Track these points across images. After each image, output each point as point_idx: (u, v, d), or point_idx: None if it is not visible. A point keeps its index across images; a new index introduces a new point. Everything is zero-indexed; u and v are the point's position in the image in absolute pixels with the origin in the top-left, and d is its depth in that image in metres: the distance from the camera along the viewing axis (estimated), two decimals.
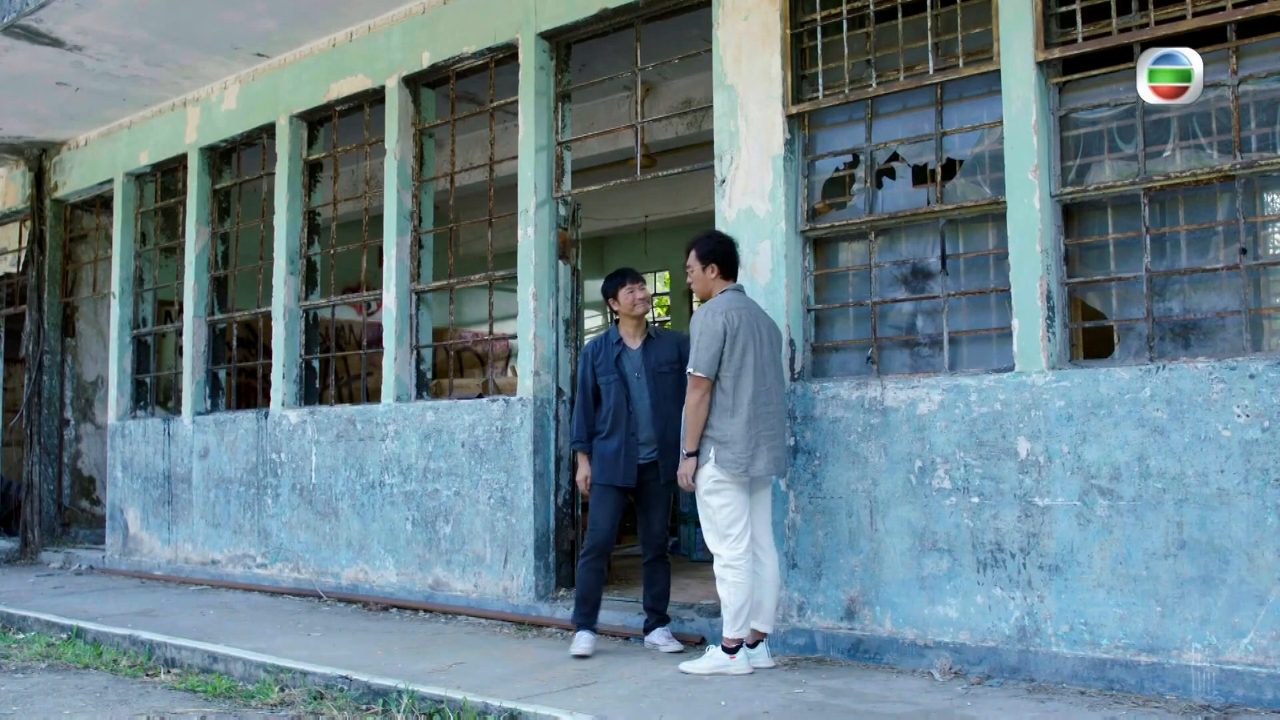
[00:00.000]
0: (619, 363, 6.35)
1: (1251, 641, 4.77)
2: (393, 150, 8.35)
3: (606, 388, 6.35)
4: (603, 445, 6.31)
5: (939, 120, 5.93)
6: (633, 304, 6.38)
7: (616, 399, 6.30)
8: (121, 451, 10.72)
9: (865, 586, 5.85)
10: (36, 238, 11.79)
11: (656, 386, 6.31)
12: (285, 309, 9.14)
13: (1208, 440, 4.90)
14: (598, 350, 6.42)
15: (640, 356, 6.36)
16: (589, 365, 6.44)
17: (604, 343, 6.45)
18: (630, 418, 6.29)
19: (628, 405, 6.30)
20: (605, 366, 6.38)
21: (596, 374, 6.39)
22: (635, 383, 6.32)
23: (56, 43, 8.94)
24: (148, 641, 6.98)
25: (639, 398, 6.31)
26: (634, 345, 6.37)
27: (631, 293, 6.40)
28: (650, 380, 6.31)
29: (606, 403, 6.34)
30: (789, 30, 6.31)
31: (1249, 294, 5.03)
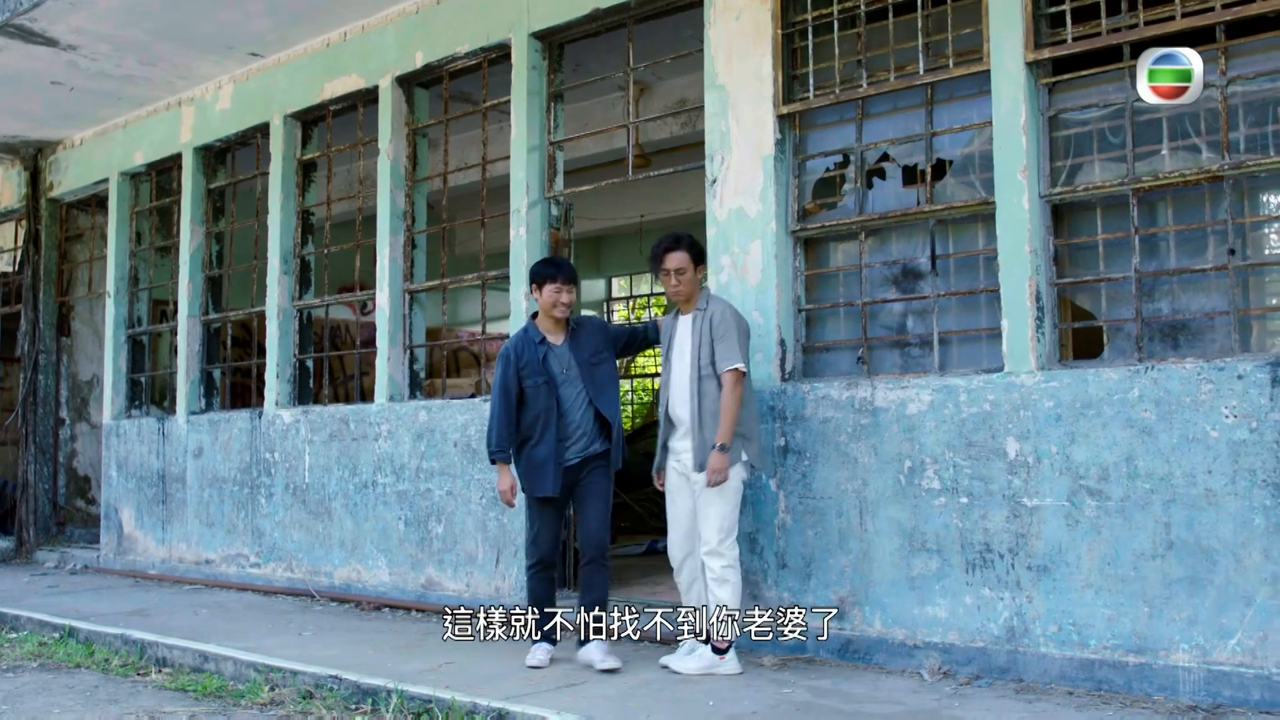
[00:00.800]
0: (546, 363, 5.96)
1: (1239, 642, 4.76)
2: (386, 150, 8.35)
3: (534, 391, 5.93)
4: (532, 453, 5.93)
5: (929, 120, 5.93)
6: (553, 304, 5.99)
7: (545, 402, 5.91)
8: (116, 451, 10.73)
9: (855, 587, 5.85)
10: (32, 237, 11.80)
11: (593, 379, 6.00)
12: (279, 309, 9.15)
13: (1195, 441, 4.90)
14: (520, 351, 5.98)
15: (569, 352, 6.01)
16: (511, 368, 5.96)
17: (525, 343, 6.02)
18: (560, 420, 5.93)
19: (557, 407, 5.93)
20: (531, 368, 5.94)
21: (521, 377, 5.94)
22: (565, 381, 5.96)
23: (51, 42, 8.94)
24: (139, 641, 6.98)
25: (569, 397, 5.95)
26: (558, 341, 6.01)
27: (558, 293, 5.99)
28: (584, 374, 5.98)
29: (534, 407, 5.92)
30: (780, 30, 6.31)
31: (1237, 295, 5.03)
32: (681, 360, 5.71)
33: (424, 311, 8.44)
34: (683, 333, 5.76)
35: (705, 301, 5.74)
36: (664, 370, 5.87)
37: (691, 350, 5.66)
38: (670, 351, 5.81)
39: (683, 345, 5.73)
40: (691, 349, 5.67)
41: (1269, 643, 4.70)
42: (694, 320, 5.71)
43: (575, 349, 6.01)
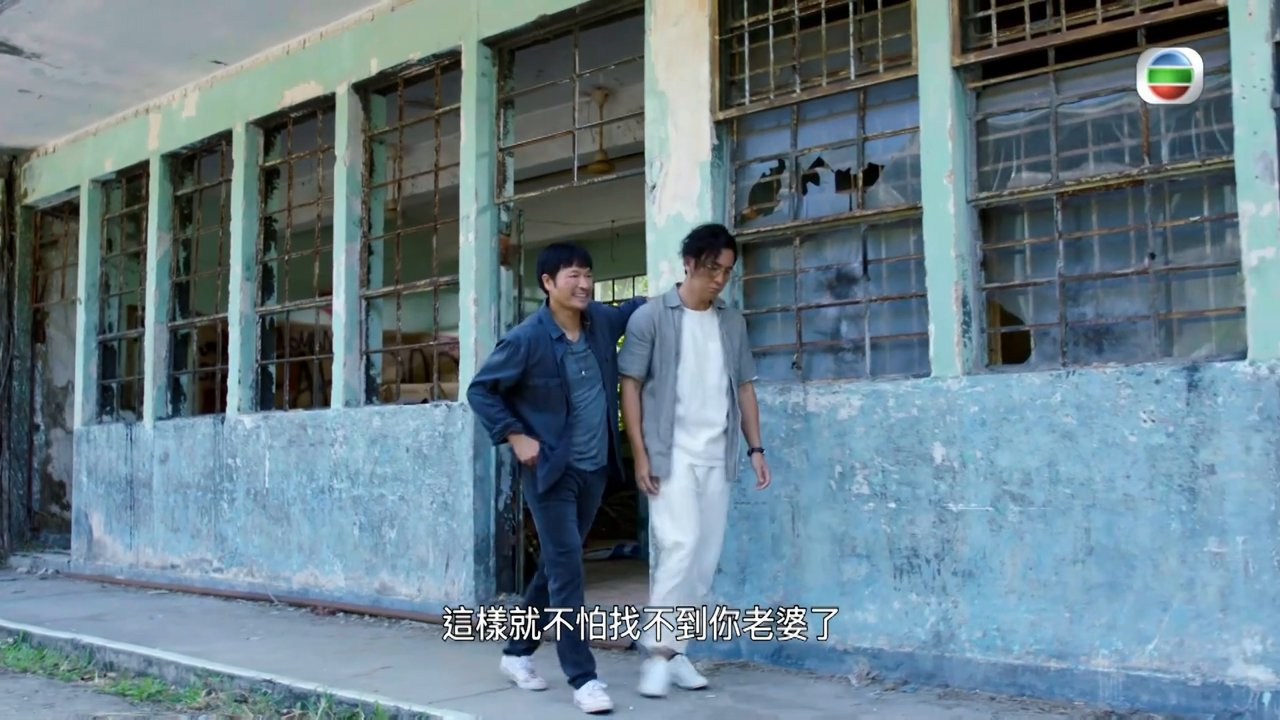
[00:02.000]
0: (563, 365, 5.22)
1: (1156, 647, 4.76)
2: (342, 157, 8.38)
3: (543, 393, 5.19)
4: (551, 453, 5.22)
5: (861, 126, 5.93)
6: (572, 291, 5.24)
7: (556, 406, 5.21)
8: (87, 456, 10.77)
9: (788, 592, 5.85)
10: (6, 244, 11.87)
11: (609, 380, 5.38)
12: (241, 314, 9.18)
13: (1115, 446, 4.89)
14: (533, 345, 5.19)
15: (588, 351, 5.32)
16: (518, 360, 5.17)
17: (539, 337, 5.24)
18: (573, 428, 5.22)
19: (568, 413, 5.22)
20: (545, 368, 5.19)
21: (529, 373, 5.17)
22: (580, 383, 5.27)
23: (14, 50, 8.99)
24: (88, 645, 7.00)
25: (585, 400, 5.27)
26: (575, 338, 5.30)
27: (575, 277, 5.24)
28: (605, 374, 5.34)
29: (543, 410, 5.21)
30: (718, 36, 6.32)
31: (1158, 299, 5.03)
32: (710, 362, 5.32)
33: (380, 317, 8.46)
34: (701, 331, 5.35)
35: (719, 300, 5.51)
36: (672, 365, 5.28)
37: (723, 353, 5.35)
38: (681, 347, 5.30)
39: (706, 345, 5.33)
40: (723, 352, 5.35)
41: (1185, 648, 4.69)
42: (716, 322, 5.40)
43: (594, 346, 5.35)
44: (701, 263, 5.29)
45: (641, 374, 5.36)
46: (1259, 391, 4.56)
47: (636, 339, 5.37)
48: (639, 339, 5.36)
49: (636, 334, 5.38)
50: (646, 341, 5.34)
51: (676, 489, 5.29)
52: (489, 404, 5.22)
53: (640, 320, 5.40)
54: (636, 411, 5.37)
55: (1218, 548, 4.63)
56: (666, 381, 5.30)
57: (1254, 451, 4.56)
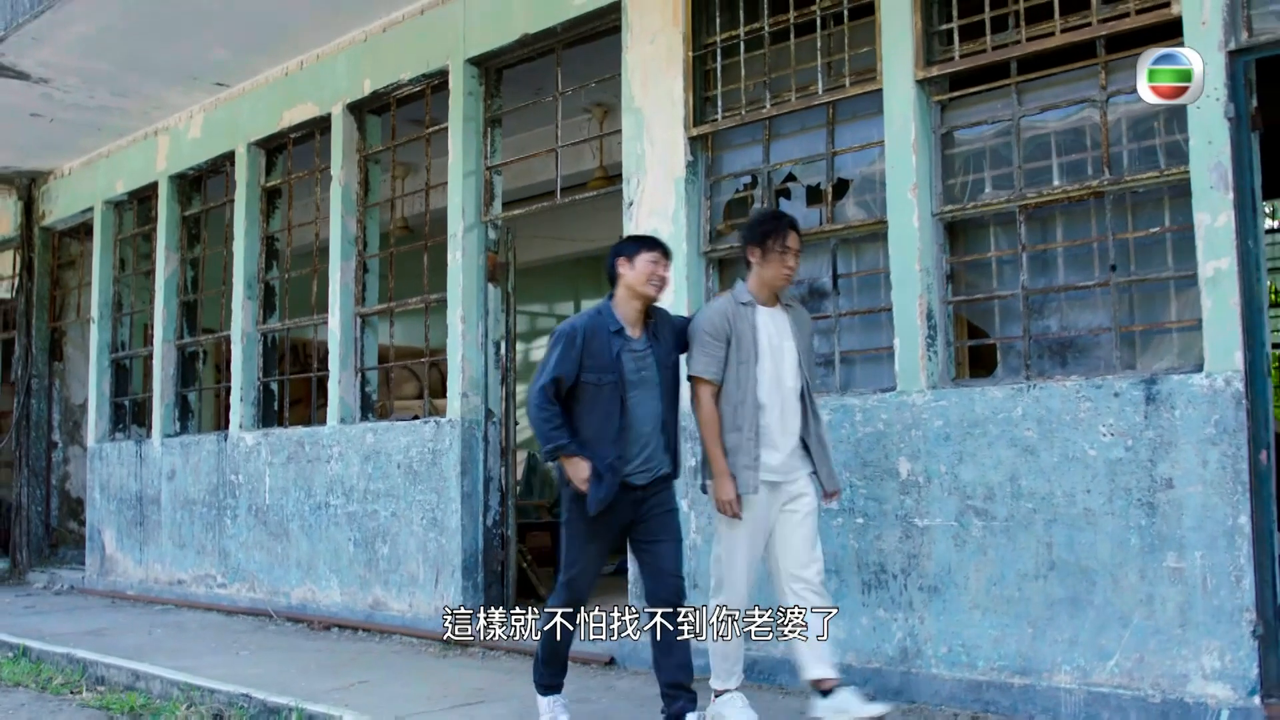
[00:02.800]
0: (619, 359, 4.76)
1: (1117, 664, 4.71)
2: (338, 176, 8.48)
3: (594, 391, 4.74)
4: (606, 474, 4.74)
5: (830, 140, 5.94)
6: (649, 277, 4.80)
7: (608, 407, 4.74)
8: (99, 473, 10.94)
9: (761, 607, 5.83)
10: (25, 264, 12.10)
11: (668, 385, 4.90)
12: (243, 333, 9.30)
13: (1075, 460, 4.85)
14: (590, 335, 4.77)
15: (649, 350, 4.84)
16: (575, 354, 4.73)
17: (597, 327, 4.80)
18: (625, 433, 4.74)
19: (621, 416, 4.74)
20: (600, 362, 4.74)
21: (584, 370, 4.74)
22: (636, 384, 4.78)
23: (22, 76, 9.18)
24: (82, 660, 7.13)
25: (640, 403, 4.78)
26: (636, 334, 4.85)
27: (655, 264, 4.82)
28: (662, 378, 4.87)
29: (593, 411, 4.75)
30: (691, 53, 6.35)
31: (1120, 311, 4.99)
32: (786, 362, 4.82)
33: (375, 334, 8.54)
34: (775, 329, 4.85)
35: (785, 295, 5.02)
36: (750, 367, 4.76)
37: (798, 353, 4.87)
38: (758, 347, 4.79)
39: (781, 345, 4.83)
40: (797, 352, 4.87)
41: (1145, 664, 4.64)
42: (787, 319, 4.92)
43: (655, 346, 4.88)
44: (770, 249, 4.80)
45: (720, 377, 4.78)
46: (1215, 404, 4.51)
47: (711, 338, 4.79)
48: (714, 338, 4.78)
49: (711, 332, 4.80)
50: (722, 341, 4.78)
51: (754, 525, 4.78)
52: (546, 417, 4.73)
53: (713, 317, 4.84)
54: (717, 423, 4.76)
55: (1176, 563, 4.58)
56: (746, 386, 4.74)
57: (1210, 465, 4.51)
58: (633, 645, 6.33)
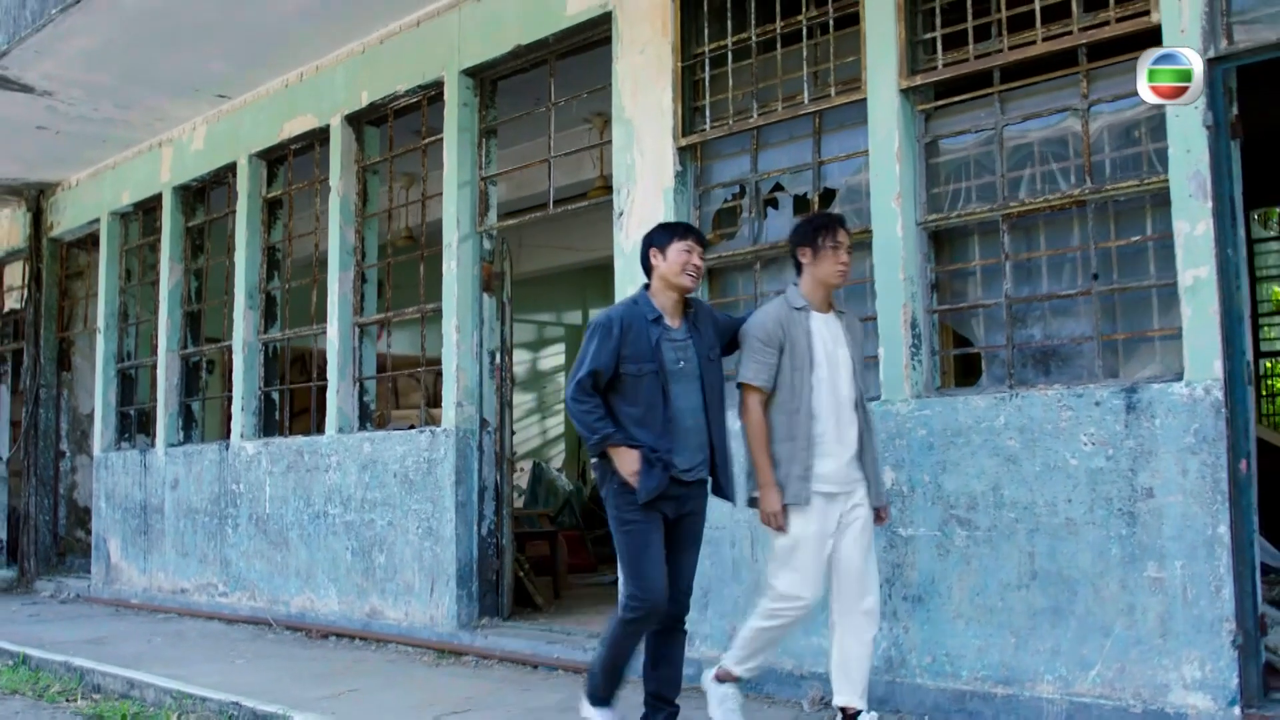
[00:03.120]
0: (659, 348, 4.60)
1: (1098, 674, 4.69)
2: (336, 187, 8.53)
3: (635, 382, 4.56)
4: (655, 458, 4.57)
5: (817, 150, 5.95)
6: (683, 267, 4.65)
7: (650, 397, 4.56)
8: (105, 483, 11.02)
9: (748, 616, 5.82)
10: (34, 275, 12.21)
11: (709, 381, 4.71)
12: (244, 343, 9.36)
13: (1056, 469, 4.84)
14: (627, 327, 4.60)
15: (689, 339, 4.69)
16: (612, 344, 4.56)
17: (634, 317, 4.65)
18: (669, 425, 4.57)
19: (664, 408, 4.57)
20: (639, 352, 4.57)
21: (622, 359, 4.57)
22: (677, 376, 4.61)
23: (26, 88, 9.27)
24: (79, 668, 7.18)
25: (681, 396, 4.61)
26: (675, 324, 4.70)
27: (688, 252, 4.67)
28: (703, 371, 4.69)
29: (634, 403, 4.57)
30: (680, 63, 6.37)
31: (1102, 320, 4.98)
32: (841, 371, 4.69)
33: (374, 344, 8.59)
34: (830, 335, 4.72)
35: (838, 301, 4.92)
36: (805, 375, 4.62)
37: (852, 361, 4.73)
38: (814, 354, 4.65)
39: (836, 352, 4.70)
40: (851, 360, 4.74)
41: (1126, 674, 4.62)
42: (841, 325, 4.78)
43: (695, 337, 4.72)
44: (821, 246, 4.68)
45: (770, 386, 4.64)
46: (1195, 413, 4.49)
47: (762, 344, 4.65)
48: (765, 344, 4.64)
49: (763, 339, 4.66)
50: (774, 347, 4.63)
51: (811, 532, 4.61)
52: (588, 409, 4.55)
53: (766, 322, 4.69)
54: (765, 432, 4.64)
55: (1157, 572, 4.57)
56: (800, 395, 4.60)
57: (1190, 474, 4.49)
58: None
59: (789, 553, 4.65)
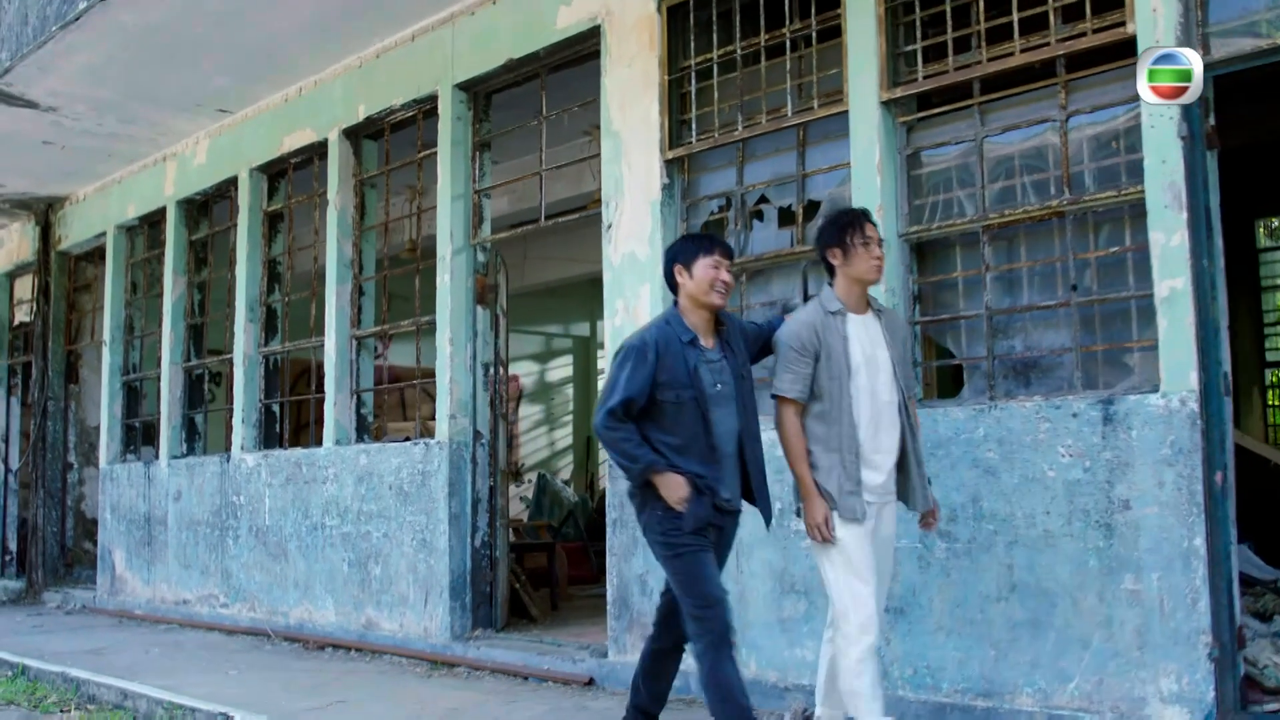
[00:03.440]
0: (697, 374, 4.41)
1: (1077, 686, 4.67)
2: (334, 200, 8.59)
3: (675, 410, 4.38)
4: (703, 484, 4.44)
5: (801, 162, 5.96)
6: (711, 284, 4.46)
7: (692, 426, 4.38)
8: (110, 495, 11.10)
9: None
10: (42, 288, 12.32)
11: (743, 402, 4.55)
12: (245, 356, 9.42)
13: (1034, 481, 4.83)
14: (663, 351, 4.39)
15: (723, 360, 4.51)
16: (647, 369, 4.36)
17: (669, 339, 4.44)
18: (711, 456, 4.42)
19: (707, 435, 4.41)
20: (676, 377, 4.38)
21: (659, 387, 4.37)
22: (716, 399, 4.43)
23: (31, 104, 9.38)
24: (75, 679, 7.22)
25: (721, 423, 4.44)
26: (709, 344, 4.52)
27: (716, 268, 4.47)
28: (738, 394, 4.51)
29: (675, 433, 4.38)
30: (667, 76, 6.39)
31: (1081, 331, 4.97)
32: (881, 374, 4.45)
33: (371, 357, 8.63)
34: (868, 338, 4.47)
35: (874, 299, 4.67)
36: (844, 382, 4.38)
37: (892, 363, 4.49)
38: (851, 359, 4.41)
39: (875, 354, 4.46)
40: (892, 362, 4.49)
41: (1104, 687, 4.60)
42: (879, 325, 4.54)
43: (729, 358, 4.53)
44: (851, 245, 4.44)
45: (806, 396, 4.42)
46: (1171, 424, 4.48)
47: (796, 354, 4.43)
48: (800, 353, 4.42)
49: (796, 348, 4.43)
50: (809, 356, 4.41)
51: (864, 548, 4.39)
52: (623, 437, 4.35)
53: (800, 330, 4.47)
54: (803, 444, 4.42)
55: (1134, 585, 4.55)
56: (841, 403, 4.38)
57: (1166, 486, 4.47)
58: (611, 666, 6.36)
59: (846, 567, 4.38)
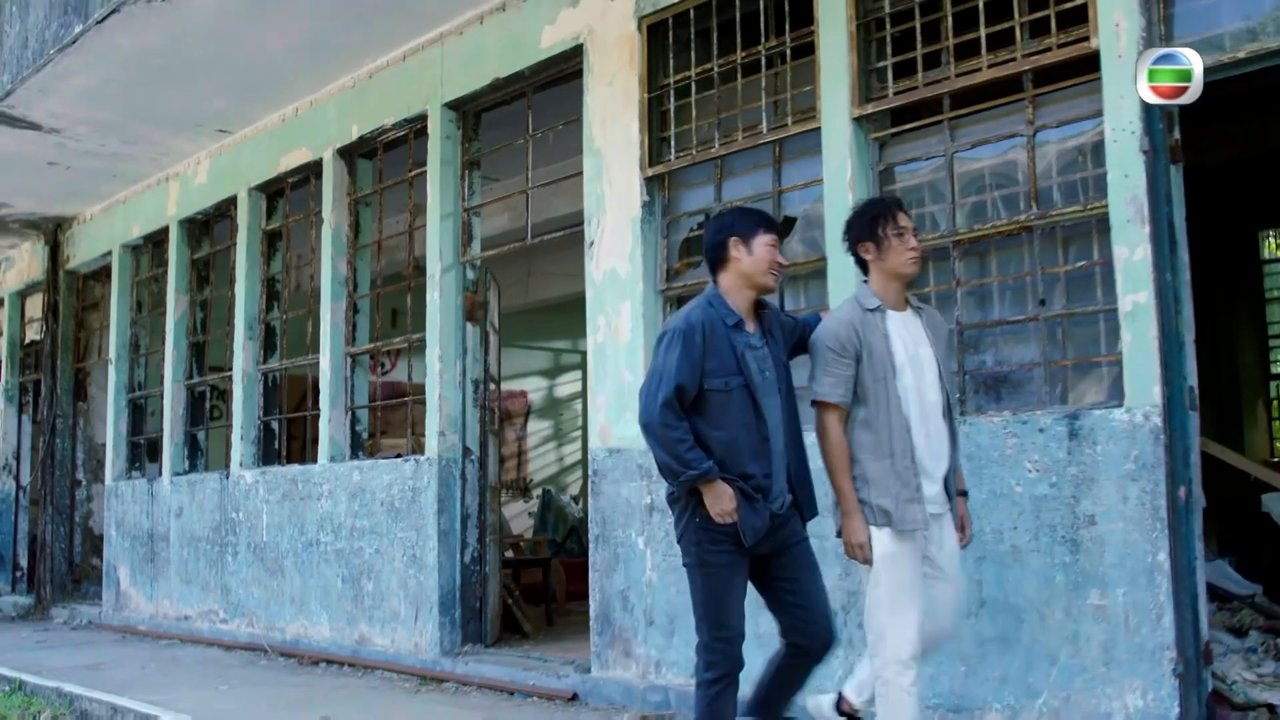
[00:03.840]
0: (744, 360, 4.07)
1: (1045, 702, 4.66)
2: (329, 219, 8.67)
3: (724, 399, 4.02)
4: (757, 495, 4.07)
5: (777, 178, 5.98)
6: (769, 265, 4.15)
7: (741, 417, 4.02)
8: (115, 511, 11.21)
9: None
10: (51, 307, 12.47)
11: (787, 393, 4.22)
12: (244, 373, 9.51)
13: (1002, 496, 4.83)
14: (708, 333, 4.03)
15: (765, 346, 4.17)
16: (697, 354, 4.00)
17: (714, 323, 4.07)
18: (764, 450, 4.06)
19: (759, 425, 4.06)
20: (724, 364, 4.03)
21: (707, 374, 4.01)
22: (763, 390, 4.09)
23: (34, 126, 9.52)
24: (69, 694, 7.29)
25: (770, 413, 4.09)
26: (752, 329, 4.17)
27: (771, 246, 4.18)
28: (782, 380, 4.19)
29: (725, 425, 4.02)
30: (647, 94, 6.43)
31: (1049, 345, 4.96)
32: (927, 375, 4.16)
33: (366, 373, 8.70)
34: (910, 336, 4.19)
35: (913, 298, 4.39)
36: (890, 384, 4.09)
37: (937, 363, 4.21)
38: (894, 358, 4.11)
39: (919, 354, 4.17)
40: (936, 361, 4.21)
41: (1071, 703, 4.59)
42: (920, 324, 4.25)
43: (771, 344, 4.20)
44: (884, 237, 4.18)
45: (849, 400, 4.11)
46: (1134, 439, 4.47)
47: (836, 354, 4.11)
48: (839, 354, 4.10)
49: (836, 348, 4.11)
50: (850, 356, 4.10)
51: (915, 569, 4.11)
52: (678, 437, 3.94)
53: (839, 329, 4.15)
54: (847, 455, 4.11)
55: (1100, 600, 4.54)
56: (888, 405, 4.07)
57: (1130, 501, 4.46)
58: (595, 682, 6.37)
59: (890, 588, 4.08)
